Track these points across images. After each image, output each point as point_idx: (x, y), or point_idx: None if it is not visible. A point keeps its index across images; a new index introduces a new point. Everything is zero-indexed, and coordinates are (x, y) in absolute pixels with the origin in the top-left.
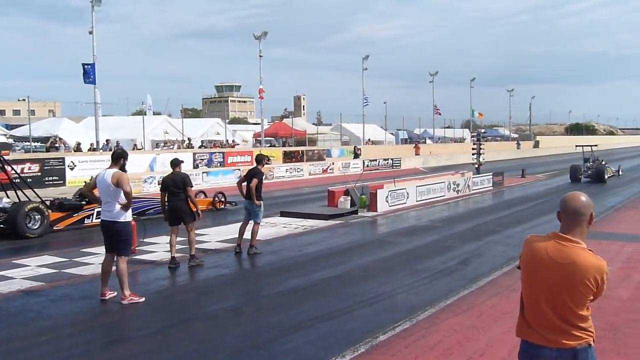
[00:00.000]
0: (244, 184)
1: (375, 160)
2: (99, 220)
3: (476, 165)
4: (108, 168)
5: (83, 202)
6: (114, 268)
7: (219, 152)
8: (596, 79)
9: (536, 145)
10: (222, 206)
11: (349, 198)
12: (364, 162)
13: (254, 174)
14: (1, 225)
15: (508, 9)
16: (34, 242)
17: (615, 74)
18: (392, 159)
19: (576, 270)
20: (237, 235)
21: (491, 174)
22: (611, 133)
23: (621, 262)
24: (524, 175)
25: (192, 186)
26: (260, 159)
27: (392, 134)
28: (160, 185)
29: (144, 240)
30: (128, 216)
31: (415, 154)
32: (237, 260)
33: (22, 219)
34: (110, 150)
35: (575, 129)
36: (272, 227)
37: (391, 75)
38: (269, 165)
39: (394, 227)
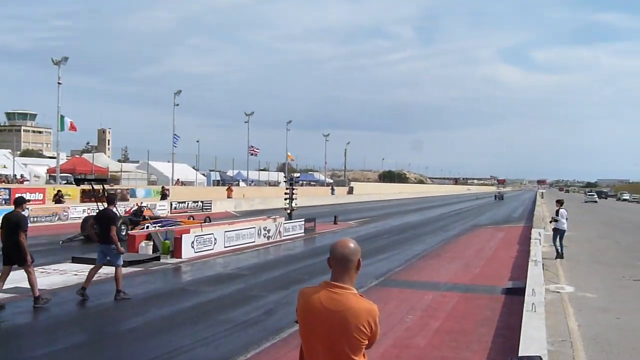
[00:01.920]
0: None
1: (184, 202)
2: None
3: (288, 211)
4: None
5: None
6: None
7: (5, 189)
8: (408, 128)
9: (350, 191)
10: None
11: (151, 243)
12: (171, 204)
13: (109, 218)
14: None
15: (324, 54)
16: None
17: (428, 124)
18: (202, 202)
19: (350, 316)
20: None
21: (303, 219)
22: (421, 182)
23: (421, 310)
24: (337, 222)
25: (25, 229)
26: (20, 201)
27: (203, 174)
28: None
29: None
30: None
31: (228, 197)
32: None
33: None
34: None
35: (388, 177)
36: (60, 275)
37: (206, 114)
38: (62, 205)
39: (199, 275)
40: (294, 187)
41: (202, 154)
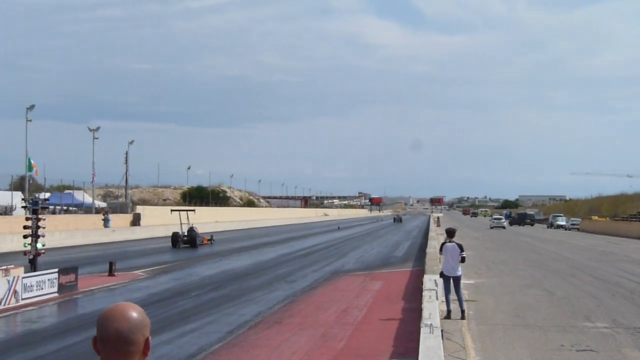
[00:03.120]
0: None
1: None
2: None
3: (30, 256)
4: None
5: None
6: None
7: None
8: (227, 117)
9: (136, 220)
10: None
11: None
12: None
13: None
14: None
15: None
16: None
17: (259, 112)
18: None
19: None
20: None
21: (57, 270)
22: (251, 203)
23: None
24: (113, 272)
25: None
26: None
27: None
28: None
29: None
30: None
31: None
32: None
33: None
34: None
35: (198, 196)
36: None
37: None
38: None
39: None
40: (40, 216)
41: None
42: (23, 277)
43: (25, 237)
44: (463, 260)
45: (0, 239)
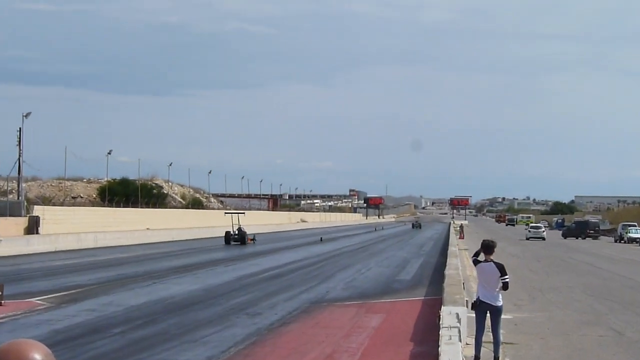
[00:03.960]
0: None
1: None
2: None
3: None
4: None
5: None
6: None
7: None
8: (155, 83)
9: (34, 226)
10: None
11: None
12: None
13: None
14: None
15: None
16: None
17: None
18: None
19: None
20: None
21: None
22: (198, 203)
23: None
24: (1, 302)
25: None
26: None
27: None
28: None
29: None
30: None
31: None
32: None
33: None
34: None
35: (122, 192)
36: None
37: None
38: None
39: None
40: None
41: None
42: None
43: None
44: (505, 287)
45: None
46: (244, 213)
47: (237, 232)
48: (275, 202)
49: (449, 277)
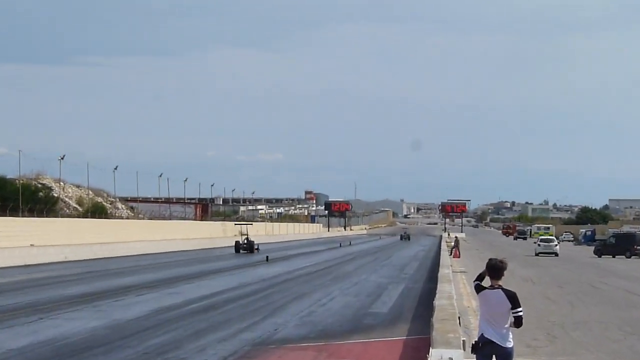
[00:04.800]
0: None
1: None
2: None
3: None
4: None
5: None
6: None
7: None
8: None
9: None
10: None
11: None
12: None
13: None
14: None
15: None
16: None
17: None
18: None
19: None
20: None
21: None
22: (100, 211)
23: None
24: None
25: None
26: None
27: None
28: None
29: None
30: None
31: None
32: None
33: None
34: None
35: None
36: None
37: None
38: None
39: None
40: None
41: None
42: None
43: None
44: (518, 322)
45: None
46: (251, 224)
47: (245, 242)
48: (204, 209)
49: (439, 310)
